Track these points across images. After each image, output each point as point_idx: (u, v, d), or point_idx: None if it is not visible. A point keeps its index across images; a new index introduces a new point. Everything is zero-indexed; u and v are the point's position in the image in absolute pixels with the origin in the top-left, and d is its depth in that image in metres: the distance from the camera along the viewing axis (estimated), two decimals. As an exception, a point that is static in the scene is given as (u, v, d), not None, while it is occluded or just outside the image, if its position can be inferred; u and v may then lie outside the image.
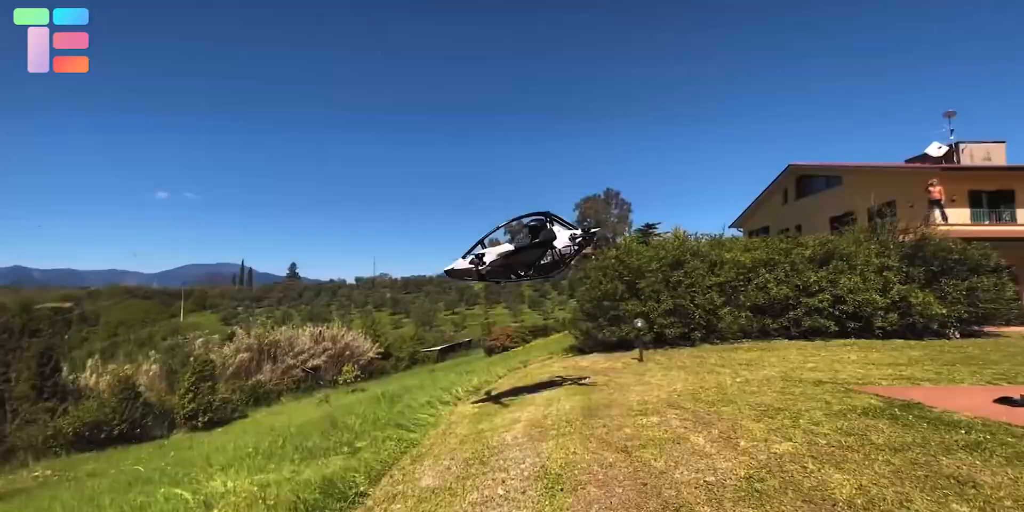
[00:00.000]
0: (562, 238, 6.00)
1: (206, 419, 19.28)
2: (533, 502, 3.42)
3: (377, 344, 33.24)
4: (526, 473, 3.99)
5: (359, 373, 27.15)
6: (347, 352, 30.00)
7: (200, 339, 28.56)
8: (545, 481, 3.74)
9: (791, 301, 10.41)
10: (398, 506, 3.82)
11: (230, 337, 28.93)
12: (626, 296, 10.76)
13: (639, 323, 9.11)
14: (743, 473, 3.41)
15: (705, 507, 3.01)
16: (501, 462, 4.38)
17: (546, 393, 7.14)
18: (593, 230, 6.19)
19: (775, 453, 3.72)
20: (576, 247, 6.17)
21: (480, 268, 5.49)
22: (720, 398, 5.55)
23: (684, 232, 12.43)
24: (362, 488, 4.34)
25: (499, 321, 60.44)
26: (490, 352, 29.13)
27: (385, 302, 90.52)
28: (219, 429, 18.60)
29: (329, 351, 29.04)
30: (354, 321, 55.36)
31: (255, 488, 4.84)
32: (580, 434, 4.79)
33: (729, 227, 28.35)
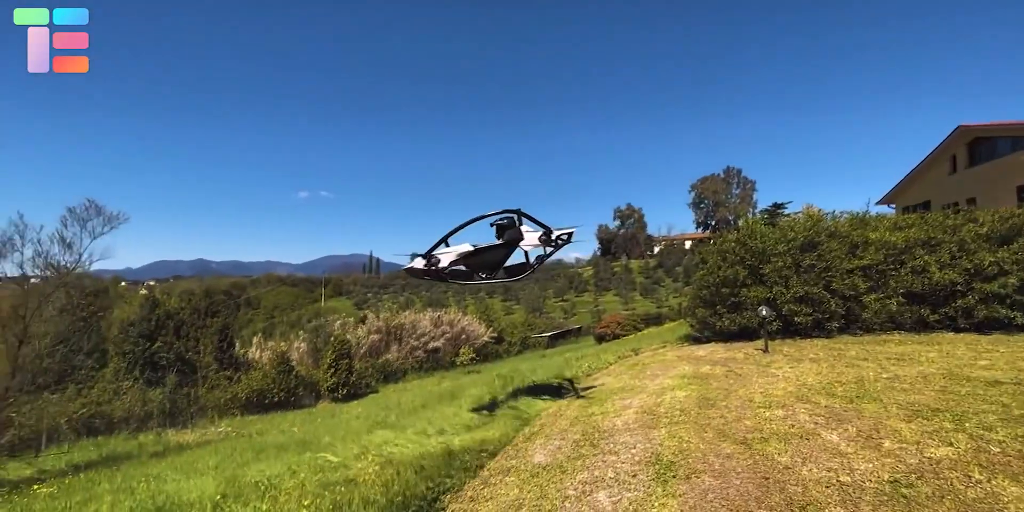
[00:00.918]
0: (530, 239, 5.57)
1: (345, 392, 21.78)
2: (644, 486, 3.39)
3: (491, 329, 34.67)
4: (637, 458, 3.95)
5: (474, 356, 28.69)
6: (463, 336, 31.75)
7: (338, 321, 32.10)
8: (657, 467, 3.68)
9: (959, 287, 8.83)
10: (511, 479, 4.02)
11: (362, 320, 32.12)
12: (748, 282, 9.96)
13: (763, 311, 8.40)
14: (887, 476, 3.04)
15: (838, 508, 2.74)
16: (611, 446, 4.38)
17: (659, 381, 6.94)
18: (563, 232, 5.67)
19: (930, 458, 3.24)
20: (551, 248, 5.76)
21: (439, 267, 5.10)
22: (860, 394, 4.95)
23: (818, 210, 11.13)
24: (479, 461, 4.63)
25: (609, 308, 59.52)
26: (600, 340, 28.91)
27: (496, 289, 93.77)
28: (355, 401, 20.90)
29: (447, 334, 30.97)
30: (469, 307, 58.19)
31: (387, 451, 5.40)
32: (695, 423, 4.60)
33: (876, 204, 24.70)
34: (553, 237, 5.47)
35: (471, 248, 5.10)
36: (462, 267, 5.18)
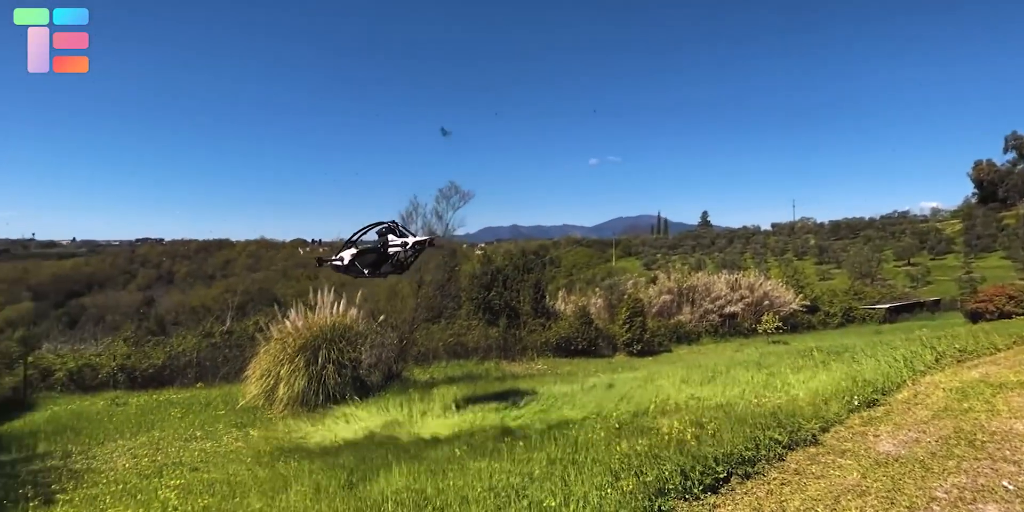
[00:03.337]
0: (395, 245, 6.78)
1: (639, 348, 22.85)
2: (1075, 515, 2.48)
3: (800, 295, 30.19)
4: (1058, 476, 2.90)
5: (780, 325, 25.59)
6: (765, 302, 28.66)
7: (630, 281, 33.45)
8: (1101, 495, 2.63)
9: None
10: (848, 462, 3.55)
11: (653, 280, 32.60)
12: None
13: None
14: None
15: None
16: (1006, 453, 3.35)
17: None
18: (421, 239, 6.90)
19: None
20: (412, 252, 6.88)
21: (345, 263, 6.39)
22: None
23: None
24: (810, 433, 4.19)
25: (992, 276, 43.38)
26: (975, 318, 21.45)
27: (808, 250, 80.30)
28: (649, 358, 21.71)
29: (746, 299, 28.52)
30: (771, 270, 51.76)
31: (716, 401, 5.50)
32: None
33: None
34: (411, 244, 6.72)
35: (355, 250, 6.55)
36: (357, 264, 6.47)
